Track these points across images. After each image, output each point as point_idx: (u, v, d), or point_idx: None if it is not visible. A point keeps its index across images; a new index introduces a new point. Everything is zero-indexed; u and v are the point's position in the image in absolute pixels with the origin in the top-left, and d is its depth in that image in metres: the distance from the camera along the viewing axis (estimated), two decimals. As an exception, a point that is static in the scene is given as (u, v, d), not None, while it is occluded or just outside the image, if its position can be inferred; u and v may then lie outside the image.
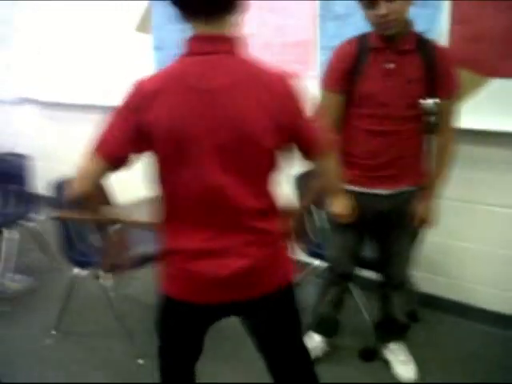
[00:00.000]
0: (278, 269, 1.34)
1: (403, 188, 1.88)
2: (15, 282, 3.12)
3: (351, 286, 2.30)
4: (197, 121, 1.15)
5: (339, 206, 1.92)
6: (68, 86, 4.07)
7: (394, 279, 2.07)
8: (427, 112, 1.78)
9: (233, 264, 1.25)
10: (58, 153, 4.24)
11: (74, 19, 3.84)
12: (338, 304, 2.20)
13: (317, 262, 2.45)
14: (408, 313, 2.22)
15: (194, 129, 1.16)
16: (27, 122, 4.66)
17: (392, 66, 1.74)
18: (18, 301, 2.95)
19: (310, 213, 2.44)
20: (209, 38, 1.17)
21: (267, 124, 1.17)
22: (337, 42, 1.89)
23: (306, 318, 2.26)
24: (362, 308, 2.47)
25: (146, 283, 2.80)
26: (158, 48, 3.40)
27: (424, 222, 1.94)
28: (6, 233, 3.05)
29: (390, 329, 2.21)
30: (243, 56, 1.20)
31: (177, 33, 3.42)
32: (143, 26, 3.45)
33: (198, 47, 1.18)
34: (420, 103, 1.76)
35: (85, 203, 1.26)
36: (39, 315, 2.77)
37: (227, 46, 1.18)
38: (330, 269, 2.14)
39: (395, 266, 2.04)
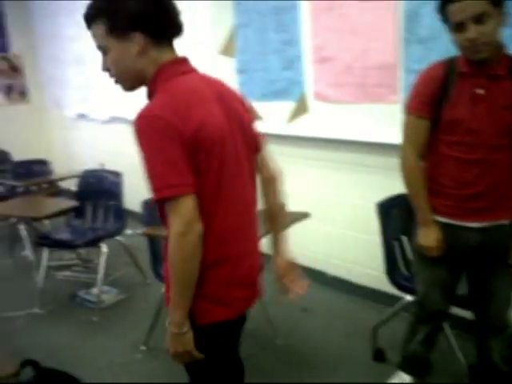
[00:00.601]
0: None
1: (498, 221, 1.78)
2: (108, 294, 3.33)
3: (444, 325, 2.16)
4: (226, 123, 1.24)
5: (426, 237, 1.84)
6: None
7: (492, 321, 1.95)
8: None
9: (256, 263, 1.36)
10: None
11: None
12: (429, 343, 2.07)
13: (407, 297, 2.33)
14: (509, 358, 2.03)
15: (227, 131, 1.24)
16: (116, 140, 4.96)
17: (482, 91, 1.66)
18: (110, 312, 3.14)
19: (400, 243, 2.35)
20: (184, 60, 1.28)
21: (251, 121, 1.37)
22: (422, 65, 1.85)
23: (395, 355, 2.21)
24: (455, 349, 2.28)
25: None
26: (240, 71, 3.50)
27: None
28: (103, 247, 3.24)
29: (489, 375, 2.05)
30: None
31: (259, 56, 3.54)
32: (227, 49, 3.56)
33: (183, 68, 1.26)
34: None
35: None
36: (129, 328, 2.93)
37: (191, 65, 1.29)
38: (419, 305, 2.04)
39: (493, 307, 1.90)
